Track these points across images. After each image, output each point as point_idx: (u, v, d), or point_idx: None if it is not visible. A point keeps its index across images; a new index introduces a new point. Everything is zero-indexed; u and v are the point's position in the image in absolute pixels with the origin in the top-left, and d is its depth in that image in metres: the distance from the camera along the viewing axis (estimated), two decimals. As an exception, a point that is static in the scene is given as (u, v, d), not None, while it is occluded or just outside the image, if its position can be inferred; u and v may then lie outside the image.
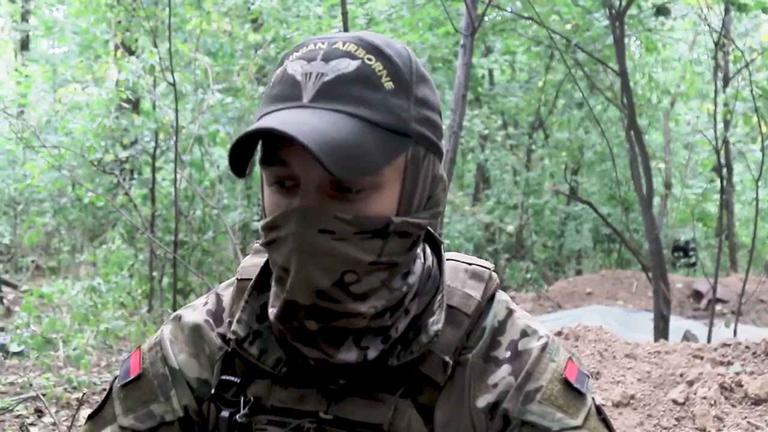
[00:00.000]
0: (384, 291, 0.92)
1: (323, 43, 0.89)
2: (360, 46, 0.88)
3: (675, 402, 3.31)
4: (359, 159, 0.82)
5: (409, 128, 0.88)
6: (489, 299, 1.03)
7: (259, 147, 0.89)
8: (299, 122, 0.82)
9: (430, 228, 1.05)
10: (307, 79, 0.86)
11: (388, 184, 0.88)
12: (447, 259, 1.04)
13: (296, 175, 0.87)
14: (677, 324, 6.14)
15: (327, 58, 0.87)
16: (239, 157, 0.87)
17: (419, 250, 1.00)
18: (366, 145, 0.83)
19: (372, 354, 0.94)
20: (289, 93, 0.87)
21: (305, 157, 0.84)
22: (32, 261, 10.04)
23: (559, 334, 4.28)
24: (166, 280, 6.73)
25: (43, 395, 3.96)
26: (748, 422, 3.14)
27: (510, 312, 1.03)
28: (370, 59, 0.87)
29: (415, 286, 0.97)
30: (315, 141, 0.80)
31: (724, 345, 4.03)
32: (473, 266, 1.04)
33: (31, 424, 3.74)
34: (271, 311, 0.94)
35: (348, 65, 0.86)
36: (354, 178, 0.83)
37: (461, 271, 1.03)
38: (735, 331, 5.17)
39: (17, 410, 3.92)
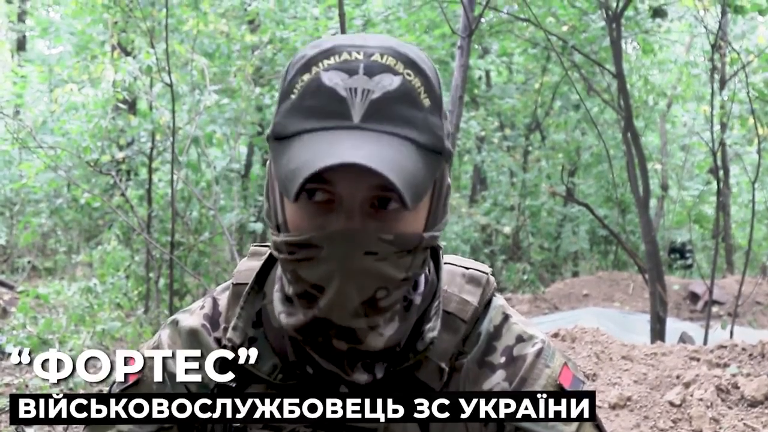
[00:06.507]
0: (399, 306, 0.93)
1: (359, 53, 0.86)
2: (398, 60, 0.87)
3: (671, 404, 3.32)
4: (419, 185, 0.83)
5: (444, 147, 0.88)
6: (486, 304, 1.03)
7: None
8: (373, 153, 0.80)
9: None
10: (353, 95, 0.85)
11: (422, 201, 0.89)
12: (445, 263, 1.04)
13: (337, 192, 0.86)
14: (674, 326, 6.15)
15: (369, 73, 0.85)
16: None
17: None
18: (420, 170, 0.83)
19: (379, 374, 0.95)
20: (334, 109, 0.85)
21: (353, 179, 0.84)
22: (28, 262, 10.01)
23: (555, 335, 4.28)
24: (162, 281, 6.71)
25: (39, 396, 3.95)
26: (744, 424, 3.14)
27: (506, 317, 1.03)
28: (409, 74, 0.86)
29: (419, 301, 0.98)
30: (396, 175, 0.80)
31: (721, 347, 4.03)
32: (471, 270, 1.04)
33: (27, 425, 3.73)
34: (286, 320, 0.94)
35: (391, 82, 0.85)
36: (417, 204, 0.83)
37: (458, 276, 1.03)
38: (731, 333, 5.17)
39: (13, 411, 3.90)
